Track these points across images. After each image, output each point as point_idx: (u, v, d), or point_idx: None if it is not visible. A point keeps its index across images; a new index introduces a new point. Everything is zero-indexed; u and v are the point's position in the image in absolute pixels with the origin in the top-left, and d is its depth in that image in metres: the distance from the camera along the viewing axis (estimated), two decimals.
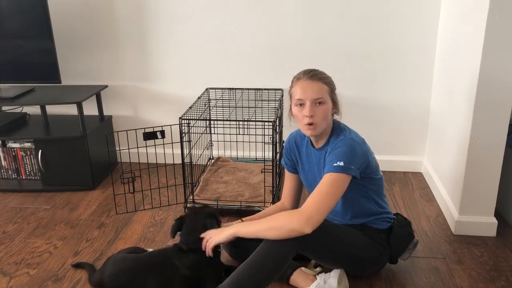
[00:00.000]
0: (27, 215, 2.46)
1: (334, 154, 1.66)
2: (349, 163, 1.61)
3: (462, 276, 1.90)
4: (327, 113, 1.70)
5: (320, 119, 1.68)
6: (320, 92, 1.67)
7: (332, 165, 1.62)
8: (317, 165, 1.80)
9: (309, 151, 1.85)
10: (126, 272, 1.74)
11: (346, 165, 1.61)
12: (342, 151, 1.64)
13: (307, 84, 1.68)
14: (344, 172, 1.60)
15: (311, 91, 1.67)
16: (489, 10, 1.87)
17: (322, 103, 1.68)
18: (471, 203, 2.16)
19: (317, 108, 1.67)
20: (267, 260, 1.59)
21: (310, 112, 1.66)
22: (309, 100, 1.66)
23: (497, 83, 1.96)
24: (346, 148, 1.65)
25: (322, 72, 1.73)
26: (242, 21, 2.77)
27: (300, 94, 1.68)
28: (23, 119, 2.98)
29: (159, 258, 1.77)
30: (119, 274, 1.74)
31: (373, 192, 1.80)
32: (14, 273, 1.97)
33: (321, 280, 1.75)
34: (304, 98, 1.67)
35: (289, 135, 1.96)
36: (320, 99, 1.67)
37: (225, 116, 2.67)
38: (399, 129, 2.88)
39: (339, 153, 1.64)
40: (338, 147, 1.67)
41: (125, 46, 2.92)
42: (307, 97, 1.67)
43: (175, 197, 2.60)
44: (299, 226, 1.54)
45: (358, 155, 1.66)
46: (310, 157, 1.85)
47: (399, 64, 2.75)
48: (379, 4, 2.65)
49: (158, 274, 1.72)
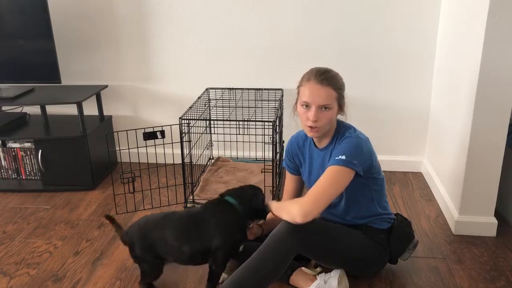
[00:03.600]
0: (27, 215, 2.46)
1: (339, 149, 1.67)
2: (352, 157, 1.62)
3: (462, 276, 1.90)
4: (332, 118, 1.70)
5: (324, 124, 1.68)
6: (327, 99, 1.66)
7: (334, 159, 1.63)
8: (321, 165, 1.80)
9: (312, 152, 1.85)
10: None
11: (348, 158, 1.61)
12: (346, 146, 1.65)
13: (316, 89, 1.65)
14: (345, 165, 1.60)
15: (318, 97, 1.65)
16: (489, 10, 1.87)
17: (328, 109, 1.67)
18: (471, 203, 2.16)
19: (322, 113, 1.66)
20: (267, 261, 1.59)
21: (314, 117, 1.66)
22: (315, 105, 1.65)
23: (497, 83, 1.96)
24: (351, 144, 1.66)
25: (334, 76, 1.70)
26: (242, 21, 2.77)
27: (307, 97, 1.67)
28: (23, 119, 2.98)
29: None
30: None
31: (375, 192, 1.80)
32: (14, 273, 1.97)
33: (321, 280, 1.75)
34: (310, 102, 1.66)
35: (290, 138, 1.96)
36: (326, 105, 1.66)
37: (225, 116, 2.67)
38: (399, 129, 2.88)
39: (342, 148, 1.65)
40: (343, 143, 1.68)
41: (125, 46, 2.92)
42: (314, 102, 1.66)
43: (175, 197, 2.60)
44: (293, 215, 1.58)
45: (363, 152, 1.67)
46: (313, 158, 1.85)
47: (399, 64, 2.75)
48: (379, 4, 2.65)
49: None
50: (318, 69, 1.70)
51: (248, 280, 1.58)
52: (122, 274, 1.95)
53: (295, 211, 1.57)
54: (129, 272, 1.96)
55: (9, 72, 2.78)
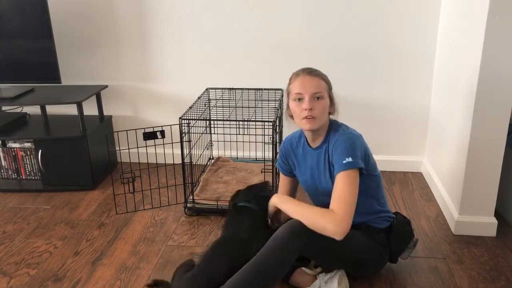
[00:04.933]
0: (27, 215, 2.46)
1: (339, 152, 1.67)
2: (356, 156, 1.64)
3: (462, 276, 1.90)
4: (326, 108, 1.72)
5: (319, 113, 1.69)
6: (318, 87, 1.70)
7: (342, 163, 1.63)
8: (316, 165, 1.80)
9: (306, 152, 1.85)
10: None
11: (354, 159, 1.63)
12: (345, 147, 1.66)
13: (307, 80, 1.70)
14: (355, 167, 1.63)
15: (310, 86, 1.69)
16: (489, 10, 1.87)
17: (321, 98, 1.69)
18: (471, 203, 2.16)
19: (316, 102, 1.69)
20: (268, 263, 1.58)
21: (309, 105, 1.67)
22: (308, 94, 1.68)
23: (497, 83, 1.96)
24: (347, 143, 1.67)
25: (320, 71, 1.76)
26: (242, 21, 2.77)
27: (299, 89, 1.70)
28: (23, 119, 2.98)
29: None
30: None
31: (372, 189, 1.80)
32: (14, 273, 1.97)
33: (321, 281, 1.75)
34: (303, 92, 1.69)
35: (284, 139, 1.97)
36: (319, 93, 1.69)
37: (225, 116, 2.67)
38: (399, 129, 2.88)
39: (343, 150, 1.66)
40: (340, 144, 1.68)
41: (125, 46, 2.92)
42: (306, 91, 1.68)
43: (175, 197, 2.60)
44: (334, 229, 1.57)
45: (359, 147, 1.68)
46: (306, 158, 1.85)
47: (399, 64, 2.75)
48: (379, 4, 2.65)
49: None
50: (305, 67, 1.77)
51: (249, 283, 1.57)
52: (122, 274, 1.95)
53: (332, 229, 1.57)
54: (129, 272, 1.96)
55: (9, 72, 2.78)
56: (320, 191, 1.82)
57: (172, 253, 2.09)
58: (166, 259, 2.04)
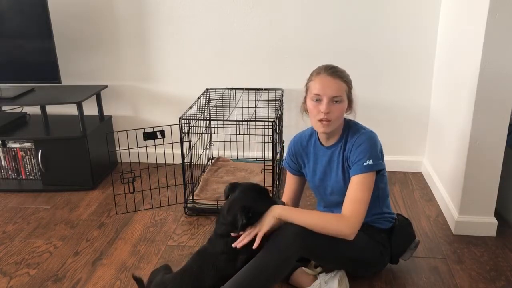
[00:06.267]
0: (27, 215, 2.46)
1: (360, 152, 1.66)
2: (377, 158, 1.65)
3: (462, 276, 1.90)
4: (343, 112, 1.70)
5: (335, 117, 1.68)
6: (339, 90, 1.67)
7: (363, 165, 1.64)
8: (327, 163, 1.79)
9: (317, 150, 1.83)
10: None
11: (375, 161, 1.64)
12: (367, 147, 1.66)
13: (327, 81, 1.67)
14: (373, 170, 1.64)
15: (330, 89, 1.66)
16: (489, 10, 1.87)
17: (339, 102, 1.68)
18: (471, 203, 2.16)
19: (333, 106, 1.67)
20: (268, 264, 1.57)
21: (326, 109, 1.65)
22: (327, 97, 1.66)
23: (497, 83, 1.96)
24: (368, 144, 1.67)
25: (343, 70, 1.73)
26: (242, 21, 2.77)
27: (318, 90, 1.67)
28: (23, 119, 2.98)
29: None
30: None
31: (381, 190, 1.80)
32: (14, 273, 1.97)
33: (321, 280, 1.75)
34: (322, 94, 1.66)
35: (293, 138, 1.93)
36: (338, 97, 1.67)
37: (225, 116, 2.67)
38: (399, 129, 2.88)
39: (364, 150, 1.66)
40: (362, 143, 1.67)
41: (125, 46, 2.92)
42: (326, 94, 1.66)
43: (175, 197, 2.60)
44: (346, 231, 1.60)
45: (379, 148, 1.69)
46: (317, 156, 1.83)
47: (399, 64, 2.75)
48: (379, 4, 2.65)
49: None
50: (328, 64, 1.73)
51: (249, 284, 1.56)
52: (122, 274, 1.95)
53: (347, 232, 1.61)
54: (129, 272, 1.96)
55: (9, 72, 2.78)
56: (329, 190, 1.81)
57: (172, 253, 2.10)
58: (166, 259, 2.04)
